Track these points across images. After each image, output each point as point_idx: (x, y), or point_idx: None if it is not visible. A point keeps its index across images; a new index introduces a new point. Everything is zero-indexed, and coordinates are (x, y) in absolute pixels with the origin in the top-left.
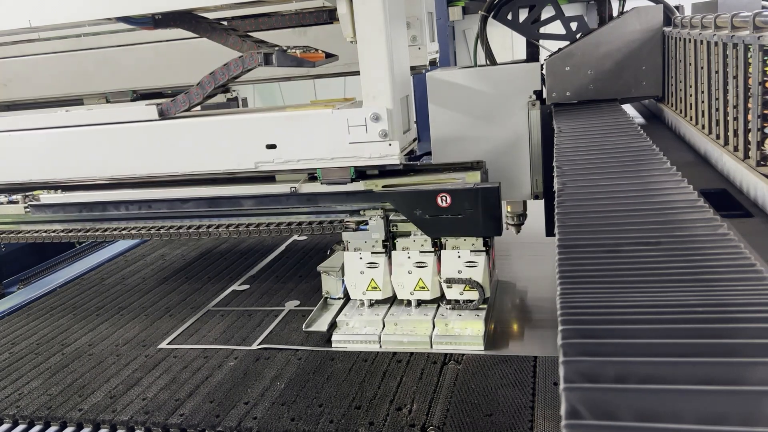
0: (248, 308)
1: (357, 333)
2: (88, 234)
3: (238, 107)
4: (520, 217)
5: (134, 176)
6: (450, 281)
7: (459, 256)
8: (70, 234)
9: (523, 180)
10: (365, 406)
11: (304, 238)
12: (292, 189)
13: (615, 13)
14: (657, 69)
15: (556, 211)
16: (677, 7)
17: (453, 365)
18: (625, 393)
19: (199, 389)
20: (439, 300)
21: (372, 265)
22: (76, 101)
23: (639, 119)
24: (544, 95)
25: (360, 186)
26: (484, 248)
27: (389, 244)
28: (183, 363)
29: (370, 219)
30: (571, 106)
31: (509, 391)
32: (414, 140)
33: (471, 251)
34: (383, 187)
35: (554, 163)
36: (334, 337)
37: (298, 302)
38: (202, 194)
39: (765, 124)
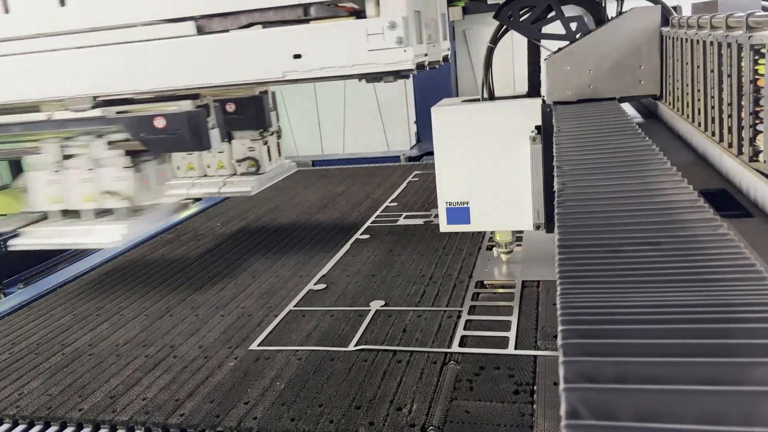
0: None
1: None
2: None
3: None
4: (509, 245)
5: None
6: None
7: None
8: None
9: (526, 211)
10: (365, 406)
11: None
12: (48, 116)
13: (614, 14)
14: (655, 68)
15: (556, 211)
16: (675, 8)
17: (453, 365)
18: (625, 393)
19: (199, 389)
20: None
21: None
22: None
23: (637, 118)
24: (544, 93)
25: (97, 113)
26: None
27: None
28: (183, 363)
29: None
30: (570, 104)
31: (509, 391)
32: (425, 55)
33: None
34: (116, 113)
35: (554, 163)
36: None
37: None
38: None
39: (756, 121)
